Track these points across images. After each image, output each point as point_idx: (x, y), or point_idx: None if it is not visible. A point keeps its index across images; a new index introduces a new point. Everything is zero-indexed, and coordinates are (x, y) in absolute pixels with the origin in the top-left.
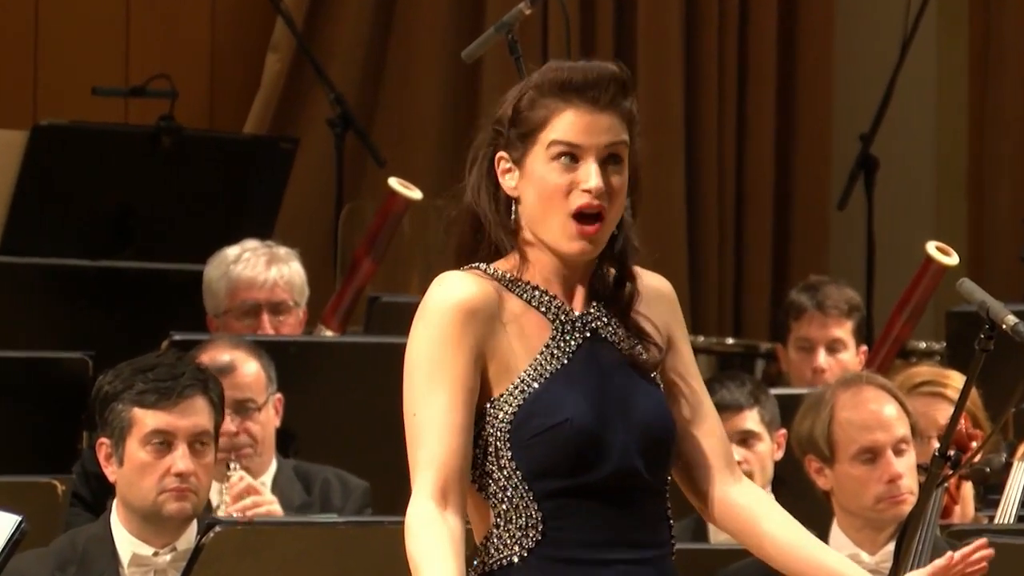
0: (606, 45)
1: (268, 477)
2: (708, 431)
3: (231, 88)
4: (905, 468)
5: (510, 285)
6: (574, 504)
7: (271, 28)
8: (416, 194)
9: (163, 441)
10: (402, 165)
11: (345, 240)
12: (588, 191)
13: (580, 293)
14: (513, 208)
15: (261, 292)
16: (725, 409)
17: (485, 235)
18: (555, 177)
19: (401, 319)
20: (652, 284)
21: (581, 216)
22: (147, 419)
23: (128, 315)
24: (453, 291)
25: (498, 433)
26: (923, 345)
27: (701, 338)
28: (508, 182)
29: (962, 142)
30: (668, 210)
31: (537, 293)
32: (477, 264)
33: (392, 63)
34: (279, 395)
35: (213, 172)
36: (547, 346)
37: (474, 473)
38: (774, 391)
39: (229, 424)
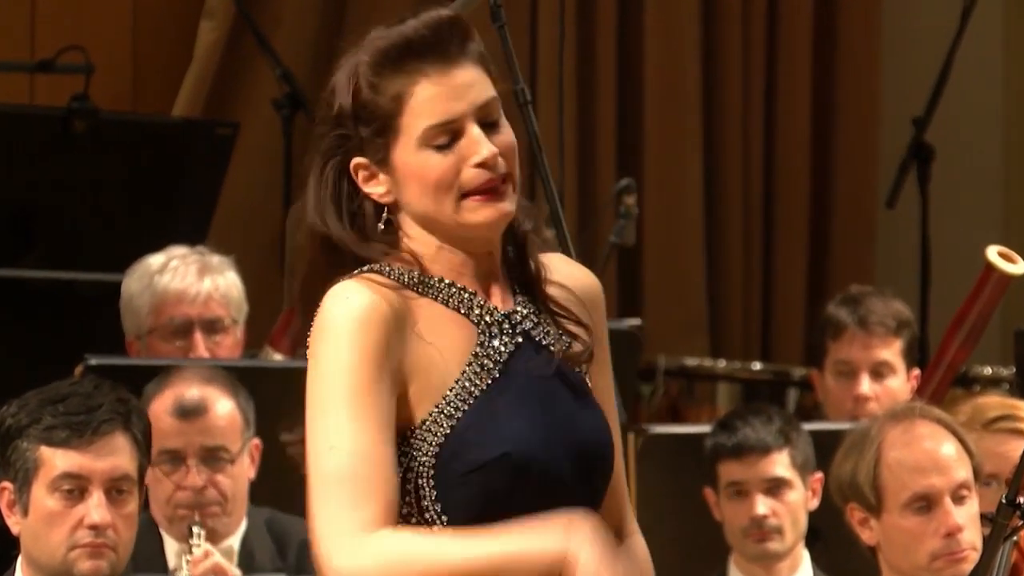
0: (608, 8)
1: (237, 540)
2: (616, 468)
3: (157, 62)
4: (966, 519)
5: (417, 285)
6: None
7: None
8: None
9: (75, 487)
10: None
11: (294, 243)
12: (483, 164)
13: (497, 287)
14: (383, 217)
15: (193, 307)
16: (749, 452)
17: (344, 255)
18: (437, 164)
19: None
20: (573, 276)
21: (479, 191)
22: (56, 460)
23: (33, 335)
24: (360, 300)
25: (420, 469)
26: (988, 370)
27: (722, 363)
28: (375, 189)
29: None
30: (683, 209)
31: (453, 290)
32: (373, 267)
33: (350, 31)
34: (257, 440)
35: (136, 163)
36: (475, 355)
37: None
38: (809, 426)
39: (195, 477)
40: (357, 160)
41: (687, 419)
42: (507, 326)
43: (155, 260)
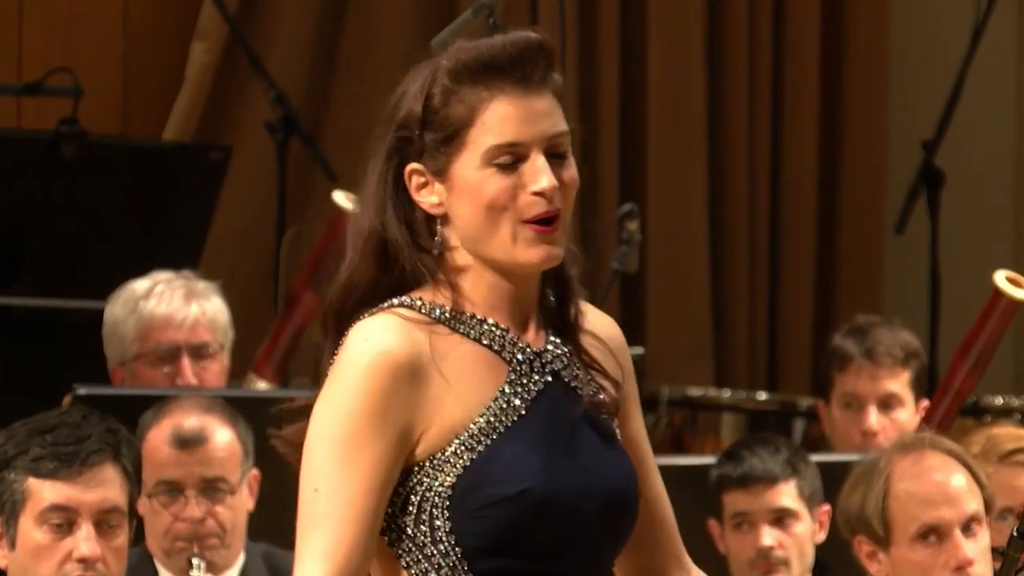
0: (610, 27)
1: (235, 573)
2: (662, 510)
3: (147, 85)
4: (976, 552)
5: (449, 321)
6: None
7: (197, 11)
8: None
9: (64, 519)
10: (358, 179)
11: (288, 271)
12: (540, 193)
13: (532, 325)
14: (436, 229)
15: (180, 332)
16: (755, 482)
17: (394, 266)
18: (495, 183)
19: None
20: (600, 325)
21: (536, 221)
22: (44, 491)
23: (21, 363)
24: (380, 344)
25: (436, 499)
26: (999, 401)
27: (727, 393)
28: (427, 199)
29: None
30: (686, 235)
31: (485, 327)
32: (404, 300)
33: (346, 54)
34: (255, 471)
35: (126, 188)
36: (502, 392)
37: (391, 536)
38: (816, 458)
39: (194, 509)
40: (414, 166)
41: (691, 450)
42: (537, 364)
43: (140, 285)
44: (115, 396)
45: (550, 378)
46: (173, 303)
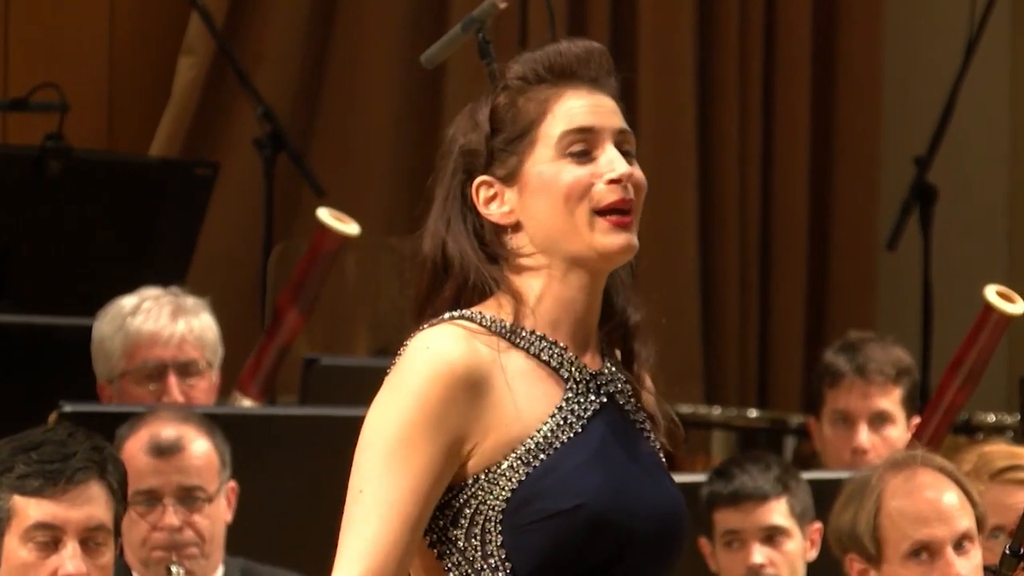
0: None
1: None
2: None
3: (134, 100)
4: (968, 570)
5: (510, 336)
6: None
7: (184, 26)
8: (352, 228)
9: (49, 537)
10: (346, 195)
11: (276, 288)
12: (617, 180)
13: (590, 346)
14: (506, 239)
15: (167, 349)
16: (746, 499)
17: (451, 283)
18: (571, 173)
19: (345, 386)
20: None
21: (612, 211)
22: (30, 509)
23: (6, 381)
24: (440, 354)
25: (489, 512)
26: (992, 418)
27: (718, 410)
28: (499, 210)
29: None
30: (677, 251)
31: (545, 344)
32: (464, 313)
33: (334, 69)
34: (233, 483)
35: (112, 204)
36: (559, 408)
37: (441, 549)
38: (807, 475)
39: (172, 517)
40: (482, 178)
41: (681, 468)
42: (593, 385)
43: (127, 302)
44: (101, 413)
45: (605, 399)
46: (160, 320)
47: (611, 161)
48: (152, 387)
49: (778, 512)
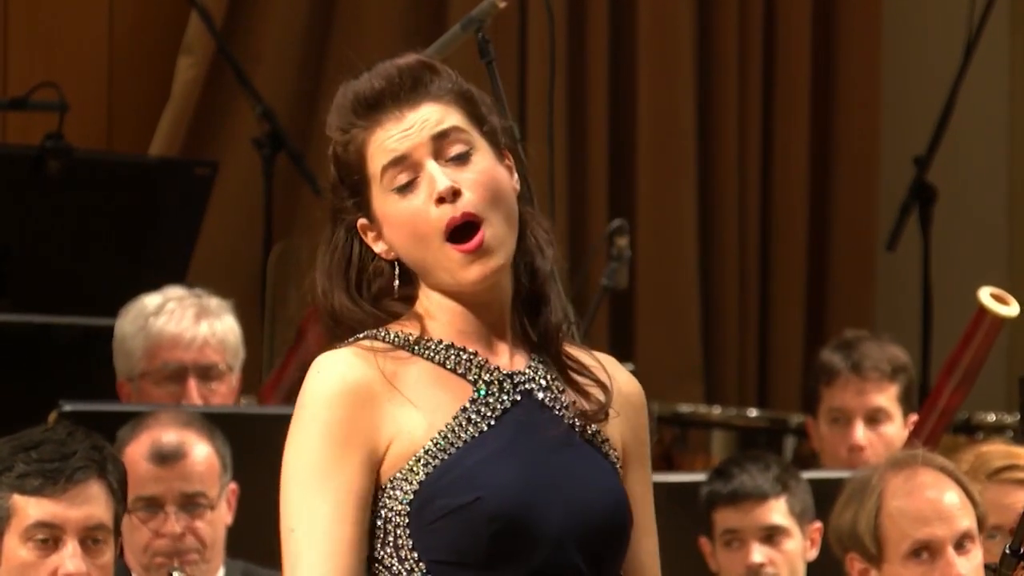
0: (599, 43)
1: None
2: (651, 559)
3: (133, 100)
4: (969, 569)
5: (412, 347)
6: None
7: (183, 26)
8: None
9: (49, 535)
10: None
11: (275, 288)
12: (440, 199)
13: (505, 347)
14: (396, 274)
15: (188, 352)
16: (746, 499)
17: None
18: (404, 207)
19: None
20: (623, 380)
21: (453, 234)
22: (29, 508)
23: (5, 380)
24: (332, 376)
25: (397, 518)
26: (992, 418)
27: (718, 410)
28: (378, 247)
29: None
30: (677, 250)
31: (451, 352)
32: (367, 333)
33: (333, 68)
34: (233, 485)
35: (111, 204)
36: (464, 409)
37: (372, 569)
38: (807, 475)
39: (174, 524)
40: (361, 221)
41: (681, 467)
42: (508, 384)
43: (151, 301)
44: (100, 413)
45: (519, 397)
46: (183, 322)
47: (431, 179)
48: (172, 389)
49: (778, 511)
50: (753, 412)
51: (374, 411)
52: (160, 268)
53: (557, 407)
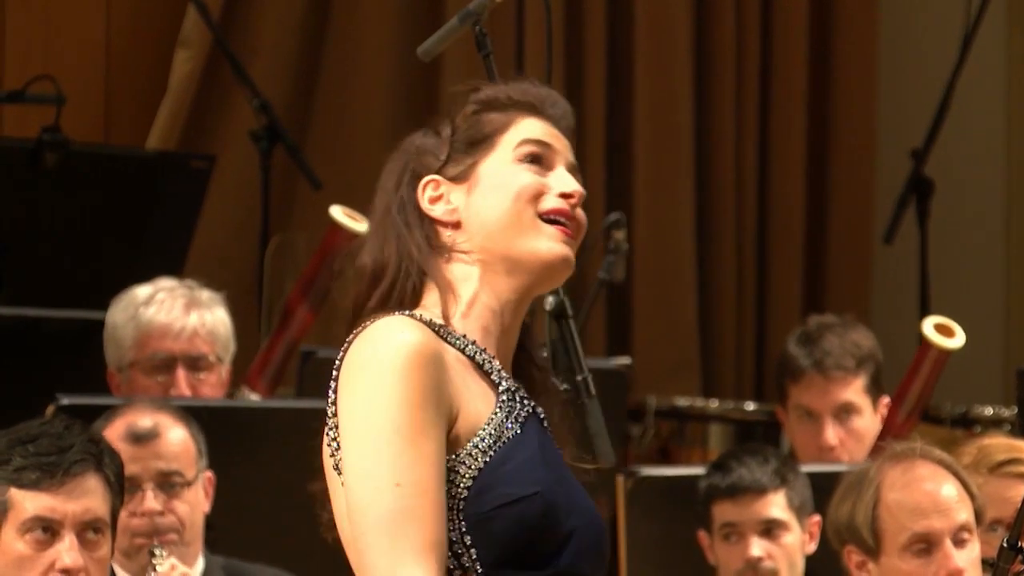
0: (596, 37)
1: (196, 573)
2: None
3: (130, 93)
4: (967, 562)
5: (442, 333)
6: None
7: (180, 19)
8: (364, 226)
9: (46, 529)
10: (343, 188)
11: (273, 281)
12: (568, 195)
13: (508, 364)
14: (446, 236)
15: (176, 342)
16: (744, 492)
17: (388, 285)
18: (527, 175)
19: None
20: None
21: (557, 220)
22: (26, 502)
23: (2, 374)
24: (410, 339)
25: (450, 501)
26: (989, 411)
27: (715, 403)
28: (442, 207)
29: None
30: (674, 244)
31: (476, 348)
32: (404, 312)
33: (331, 61)
34: (210, 473)
35: (108, 197)
36: (500, 406)
37: None
38: (805, 468)
39: (152, 502)
40: (430, 177)
41: (678, 461)
42: (519, 395)
43: (142, 291)
44: (98, 406)
45: (530, 409)
46: (173, 312)
47: (563, 177)
48: (160, 379)
49: (776, 505)
50: (750, 405)
51: (451, 380)
52: (157, 261)
53: (548, 423)
